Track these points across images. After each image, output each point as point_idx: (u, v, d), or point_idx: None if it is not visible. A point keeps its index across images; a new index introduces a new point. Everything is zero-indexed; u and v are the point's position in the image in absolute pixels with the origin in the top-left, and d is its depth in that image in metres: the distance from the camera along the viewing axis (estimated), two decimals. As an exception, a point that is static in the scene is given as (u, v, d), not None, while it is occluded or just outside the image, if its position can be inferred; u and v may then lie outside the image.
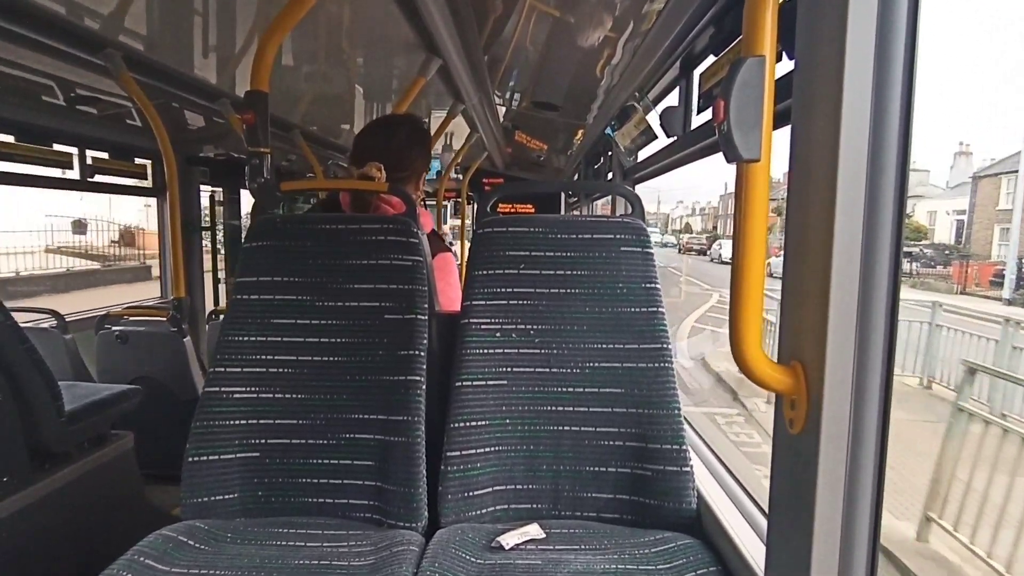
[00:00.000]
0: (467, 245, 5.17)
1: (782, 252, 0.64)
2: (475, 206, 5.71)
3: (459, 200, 5.41)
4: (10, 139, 2.33)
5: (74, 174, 2.67)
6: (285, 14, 1.17)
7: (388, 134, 1.35)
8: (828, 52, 0.56)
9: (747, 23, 0.56)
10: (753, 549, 0.83)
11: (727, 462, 1.19)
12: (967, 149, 23.37)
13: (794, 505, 0.63)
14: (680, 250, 32.72)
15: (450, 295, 1.31)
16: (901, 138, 0.55)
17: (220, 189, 3.95)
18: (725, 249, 24.48)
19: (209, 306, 3.70)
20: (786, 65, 0.69)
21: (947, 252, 16.17)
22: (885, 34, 0.54)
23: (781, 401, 0.64)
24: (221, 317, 2.64)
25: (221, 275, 4.02)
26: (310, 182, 1.47)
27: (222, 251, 4.07)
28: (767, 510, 0.71)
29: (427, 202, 4.81)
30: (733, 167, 0.58)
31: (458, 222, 6.02)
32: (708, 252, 29.29)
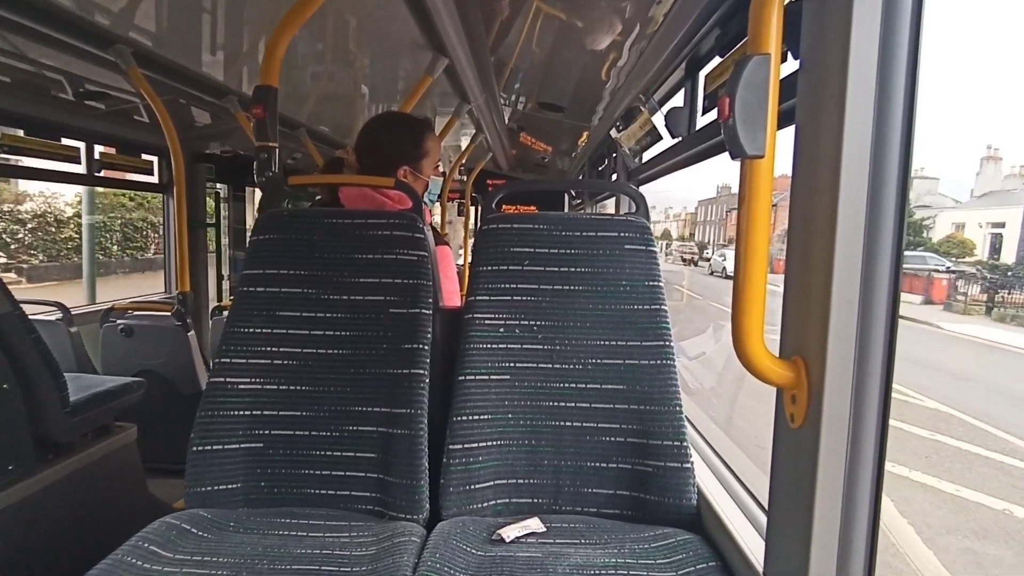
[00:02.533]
0: (469, 246, 5.21)
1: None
2: (479, 208, 5.73)
3: (463, 201, 5.43)
4: (19, 133, 2.35)
5: (81, 169, 2.70)
6: (296, 10, 1.18)
7: (365, 128, 1.39)
8: (833, 52, 0.57)
9: (753, 22, 0.57)
10: (752, 544, 0.83)
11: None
12: (996, 154, 21.06)
13: (794, 500, 0.63)
14: (684, 260, 32.44)
15: (447, 287, 1.32)
16: (903, 137, 0.56)
17: (226, 186, 3.97)
18: (730, 261, 21.87)
19: (213, 302, 3.71)
20: (791, 66, 0.70)
21: (1009, 272, 13.15)
22: (889, 35, 0.55)
23: (782, 396, 0.65)
24: (225, 313, 2.65)
25: (225, 271, 4.04)
26: (318, 176, 1.48)
27: (227, 248, 4.08)
28: (767, 506, 0.71)
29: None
30: (708, 175, 0.59)
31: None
32: (709, 263, 27.63)
